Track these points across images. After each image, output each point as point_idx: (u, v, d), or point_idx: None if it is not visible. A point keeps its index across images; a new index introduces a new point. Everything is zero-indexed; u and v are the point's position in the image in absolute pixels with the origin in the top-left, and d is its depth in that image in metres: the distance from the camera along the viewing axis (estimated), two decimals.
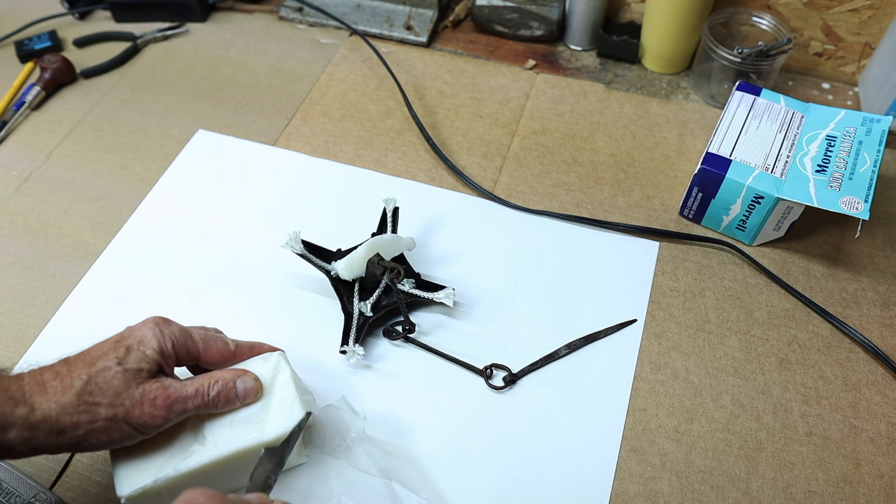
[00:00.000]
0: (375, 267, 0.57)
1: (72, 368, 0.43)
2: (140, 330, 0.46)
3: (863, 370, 0.58)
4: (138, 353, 0.44)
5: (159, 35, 0.89)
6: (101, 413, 0.42)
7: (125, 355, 0.44)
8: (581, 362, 0.59)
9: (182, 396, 0.45)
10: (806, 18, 0.77)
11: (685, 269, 0.65)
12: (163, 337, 0.46)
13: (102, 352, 0.44)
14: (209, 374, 0.47)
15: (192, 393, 0.46)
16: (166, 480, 0.45)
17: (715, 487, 0.52)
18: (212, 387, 0.46)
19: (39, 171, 0.75)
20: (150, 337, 0.45)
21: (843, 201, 0.58)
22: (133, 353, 0.44)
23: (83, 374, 0.43)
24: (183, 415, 0.46)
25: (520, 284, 0.63)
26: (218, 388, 0.47)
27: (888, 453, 0.54)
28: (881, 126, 0.64)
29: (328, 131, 0.77)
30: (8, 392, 0.41)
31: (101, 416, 0.42)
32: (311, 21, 0.89)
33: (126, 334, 0.46)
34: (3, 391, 0.41)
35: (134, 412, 0.43)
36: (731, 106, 0.67)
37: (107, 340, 0.45)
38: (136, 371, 0.44)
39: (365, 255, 0.58)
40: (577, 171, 0.73)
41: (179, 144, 0.76)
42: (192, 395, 0.46)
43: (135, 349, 0.44)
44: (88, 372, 0.43)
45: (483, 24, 0.86)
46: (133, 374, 0.44)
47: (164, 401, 0.44)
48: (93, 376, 0.43)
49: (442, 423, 0.55)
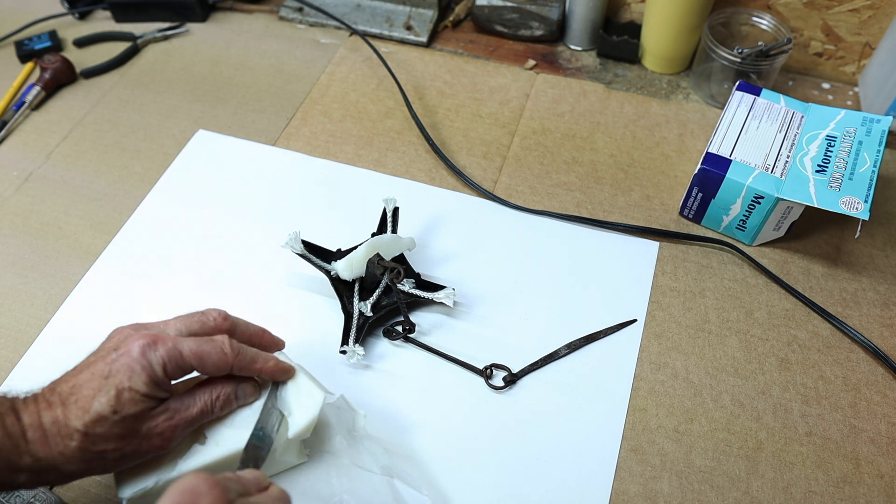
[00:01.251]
0: (375, 267, 0.57)
1: (67, 413, 0.41)
2: (125, 359, 0.42)
3: (863, 370, 0.58)
4: (131, 395, 0.42)
5: (159, 35, 0.89)
6: (110, 456, 0.42)
7: (118, 402, 0.41)
8: (581, 362, 0.59)
9: (187, 419, 0.45)
10: (806, 18, 0.77)
11: (685, 269, 0.65)
12: (151, 367, 0.42)
13: (93, 392, 0.41)
14: (210, 387, 0.47)
15: (196, 413, 0.45)
16: (167, 481, 0.45)
17: (715, 487, 0.52)
18: (215, 403, 0.46)
19: (39, 171, 0.75)
20: (138, 371, 0.42)
21: (843, 201, 0.58)
22: (125, 397, 0.42)
23: (79, 425, 0.41)
24: (190, 429, 0.46)
25: (520, 284, 0.63)
26: (221, 402, 0.47)
27: (888, 453, 0.54)
28: (881, 126, 0.64)
29: (328, 131, 0.77)
30: (12, 439, 0.40)
31: (110, 458, 0.42)
32: (311, 21, 0.89)
33: (114, 367, 0.42)
34: (6, 437, 0.40)
35: (143, 446, 0.43)
36: (731, 106, 0.67)
37: (94, 369, 0.42)
38: (135, 416, 0.42)
39: (365, 255, 0.58)
40: (577, 171, 0.73)
41: (179, 144, 0.76)
42: (198, 414, 0.45)
43: (126, 392, 0.42)
44: (84, 422, 0.41)
45: (483, 24, 0.86)
46: (132, 418, 0.42)
47: (171, 431, 0.44)
48: (90, 427, 0.41)
49: (442, 423, 0.55)
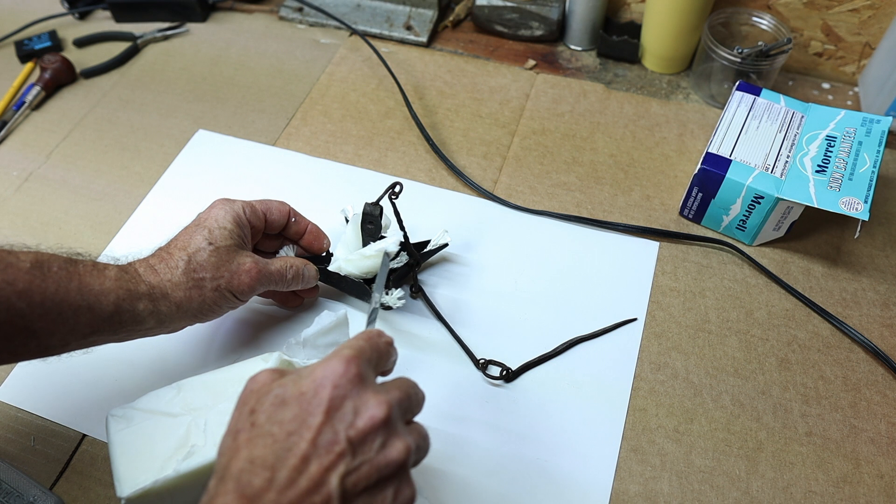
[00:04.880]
0: (373, 207, 0.59)
1: (171, 253, 0.50)
2: (213, 211, 0.53)
3: (863, 370, 0.58)
4: (221, 230, 0.51)
5: (159, 35, 0.89)
6: (208, 286, 0.50)
7: (211, 235, 0.51)
8: (581, 362, 0.59)
9: (268, 272, 0.53)
10: (806, 18, 0.77)
11: (685, 269, 0.65)
12: (233, 210, 0.53)
13: (190, 235, 0.51)
14: (284, 258, 0.56)
15: (275, 271, 0.54)
16: (167, 481, 0.45)
17: (715, 487, 0.52)
18: (288, 270, 0.55)
19: (39, 171, 0.75)
20: (223, 215, 0.52)
21: (843, 202, 0.58)
22: (216, 232, 0.51)
23: (183, 255, 0.50)
24: (266, 287, 0.53)
25: (520, 284, 0.63)
26: (293, 272, 0.55)
27: (888, 453, 0.54)
28: (881, 126, 0.64)
29: (328, 131, 0.77)
30: (128, 273, 0.48)
31: (209, 288, 0.50)
32: (311, 21, 0.89)
33: (202, 217, 0.53)
34: (123, 273, 0.48)
35: (234, 281, 0.51)
36: (731, 106, 0.67)
37: (188, 227, 0.52)
38: (226, 247, 0.51)
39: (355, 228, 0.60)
40: (577, 171, 0.73)
41: (179, 144, 0.76)
42: (275, 272, 0.54)
43: (216, 228, 0.51)
44: (187, 252, 0.50)
45: (483, 24, 0.86)
46: (224, 250, 0.51)
47: (256, 273, 0.52)
48: (192, 255, 0.50)
49: (441, 422, 0.55)
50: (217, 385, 0.50)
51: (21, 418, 0.57)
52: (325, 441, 0.34)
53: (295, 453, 0.34)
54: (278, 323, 0.61)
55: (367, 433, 0.35)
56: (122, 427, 0.48)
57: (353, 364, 0.37)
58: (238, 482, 0.33)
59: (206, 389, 0.50)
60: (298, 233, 0.59)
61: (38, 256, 0.45)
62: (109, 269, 0.47)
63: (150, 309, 0.48)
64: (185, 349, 0.60)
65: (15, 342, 0.44)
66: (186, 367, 0.59)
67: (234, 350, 0.60)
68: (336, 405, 0.35)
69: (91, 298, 0.45)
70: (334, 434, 0.34)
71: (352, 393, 0.36)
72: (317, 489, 0.33)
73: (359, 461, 0.35)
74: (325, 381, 0.36)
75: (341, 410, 0.35)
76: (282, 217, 0.57)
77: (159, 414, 0.48)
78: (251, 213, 0.54)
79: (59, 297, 0.44)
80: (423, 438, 0.39)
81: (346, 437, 0.35)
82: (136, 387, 0.57)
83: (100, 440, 0.55)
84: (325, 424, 0.35)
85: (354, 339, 0.39)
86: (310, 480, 0.33)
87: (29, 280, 0.43)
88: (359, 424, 0.35)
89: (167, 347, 0.59)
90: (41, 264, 0.44)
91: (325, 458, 0.34)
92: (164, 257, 0.50)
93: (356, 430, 0.35)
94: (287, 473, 0.33)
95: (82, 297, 0.45)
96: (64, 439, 0.55)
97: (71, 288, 0.45)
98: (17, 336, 0.43)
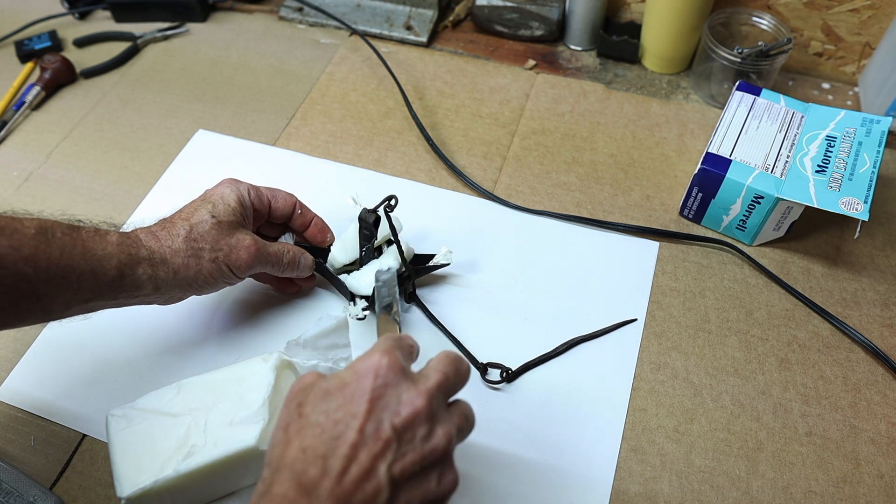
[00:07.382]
0: (368, 214, 0.59)
1: (174, 222, 0.51)
2: (219, 188, 0.54)
3: (863, 370, 0.58)
4: (225, 206, 0.53)
5: (159, 35, 0.89)
6: (206, 256, 0.51)
7: (213, 208, 0.52)
8: (581, 362, 0.59)
9: (266, 252, 0.54)
10: (806, 18, 0.77)
11: (685, 269, 0.65)
12: (238, 190, 0.54)
13: (194, 208, 0.52)
14: (283, 244, 0.57)
15: (272, 252, 0.55)
16: (166, 481, 0.45)
17: (715, 487, 0.52)
18: (285, 254, 0.56)
19: (39, 171, 0.75)
20: (229, 192, 0.54)
21: (843, 202, 0.58)
22: (220, 207, 0.52)
23: (185, 224, 0.51)
24: (261, 268, 0.54)
25: (520, 284, 0.63)
26: (289, 257, 0.56)
27: (888, 453, 0.54)
28: (881, 127, 0.64)
29: (328, 131, 0.77)
30: (130, 239, 0.49)
31: (206, 259, 0.51)
32: (311, 21, 0.89)
33: (208, 193, 0.54)
34: (125, 238, 0.49)
35: (231, 256, 0.52)
36: (731, 106, 0.67)
37: (193, 201, 0.54)
38: (228, 223, 0.52)
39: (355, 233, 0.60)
40: (577, 171, 0.73)
41: (179, 144, 0.76)
42: (273, 254, 0.55)
43: (220, 203, 0.53)
44: (189, 223, 0.51)
45: (483, 24, 0.86)
46: (226, 225, 0.52)
47: (255, 250, 0.53)
48: (193, 226, 0.51)
49: None
50: (217, 385, 0.50)
51: (21, 418, 0.57)
52: (371, 430, 0.35)
53: (344, 442, 0.35)
54: (279, 324, 0.61)
55: (410, 422, 0.36)
56: (122, 427, 0.48)
57: (392, 355, 0.38)
58: (293, 471, 0.35)
59: (206, 389, 0.50)
60: (303, 224, 0.60)
61: (42, 223, 0.46)
62: (111, 235, 0.49)
63: (149, 274, 0.49)
64: (186, 349, 0.60)
65: (21, 307, 0.44)
66: (186, 367, 0.58)
67: (234, 350, 0.60)
68: (379, 394, 0.36)
69: (94, 263, 0.46)
70: (379, 423, 0.36)
71: (393, 381, 0.37)
72: (368, 477, 0.34)
73: (404, 450, 0.36)
74: (367, 372, 0.37)
75: (384, 399, 0.36)
76: (287, 207, 0.58)
77: (159, 414, 0.48)
78: (255, 197, 0.56)
79: (64, 262, 0.45)
80: (466, 419, 0.40)
81: (391, 425, 0.36)
82: (136, 387, 0.57)
83: (100, 440, 0.55)
84: (370, 413, 0.36)
85: (384, 339, 0.41)
86: (361, 468, 0.34)
87: (34, 246, 0.44)
88: (403, 413, 0.36)
89: (168, 347, 0.59)
90: (45, 230, 0.45)
91: (374, 447, 0.35)
92: (167, 226, 0.51)
93: (400, 418, 0.36)
94: (339, 462, 0.34)
95: (86, 262, 0.46)
96: (64, 439, 0.55)
97: (75, 253, 0.46)
98: (23, 301, 0.44)
